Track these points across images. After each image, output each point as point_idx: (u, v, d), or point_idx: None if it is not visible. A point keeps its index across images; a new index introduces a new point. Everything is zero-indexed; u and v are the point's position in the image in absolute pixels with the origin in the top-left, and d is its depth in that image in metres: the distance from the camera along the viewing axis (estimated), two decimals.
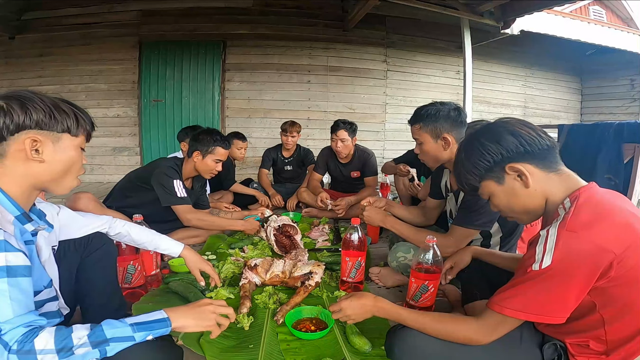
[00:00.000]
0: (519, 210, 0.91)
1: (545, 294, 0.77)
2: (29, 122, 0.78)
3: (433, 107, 1.46)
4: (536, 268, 0.76)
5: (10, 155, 0.79)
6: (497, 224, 1.50)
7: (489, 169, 0.89)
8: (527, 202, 0.88)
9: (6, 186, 0.79)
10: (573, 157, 2.82)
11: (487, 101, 5.93)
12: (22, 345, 0.68)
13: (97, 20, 4.70)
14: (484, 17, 4.17)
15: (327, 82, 5.16)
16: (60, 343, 0.70)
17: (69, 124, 0.84)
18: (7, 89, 4.94)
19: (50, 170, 0.83)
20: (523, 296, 0.79)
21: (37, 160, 0.80)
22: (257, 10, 4.86)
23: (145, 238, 1.31)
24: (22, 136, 0.78)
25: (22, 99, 0.78)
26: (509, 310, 0.81)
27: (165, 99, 4.87)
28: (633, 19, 7.61)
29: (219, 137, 2.11)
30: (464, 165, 0.94)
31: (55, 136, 0.82)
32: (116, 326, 0.76)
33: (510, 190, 0.88)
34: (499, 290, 0.85)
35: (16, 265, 0.72)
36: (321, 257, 2.05)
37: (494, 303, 0.84)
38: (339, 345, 1.25)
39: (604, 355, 0.83)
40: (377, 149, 5.30)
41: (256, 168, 3.69)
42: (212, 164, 2.11)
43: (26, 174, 0.81)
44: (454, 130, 1.44)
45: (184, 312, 0.87)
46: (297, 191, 3.20)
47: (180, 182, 2.05)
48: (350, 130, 2.84)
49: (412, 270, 1.29)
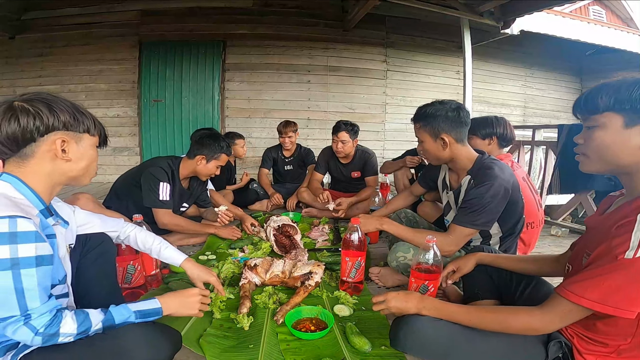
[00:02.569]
0: (601, 159, 0.82)
1: (633, 285, 0.71)
2: (58, 124, 0.84)
3: (432, 107, 1.45)
4: (629, 256, 0.70)
5: (39, 155, 0.84)
6: (496, 224, 1.50)
7: (637, 106, 0.75)
8: (623, 158, 0.78)
9: (31, 183, 0.85)
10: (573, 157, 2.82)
11: (487, 101, 5.93)
12: (48, 329, 0.78)
13: (97, 20, 4.70)
14: (483, 17, 4.17)
15: (327, 82, 5.16)
16: (81, 327, 0.82)
17: (88, 124, 0.91)
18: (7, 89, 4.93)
19: (75, 168, 0.90)
20: (607, 287, 0.73)
21: (65, 159, 0.87)
22: (257, 10, 4.86)
23: (150, 245, 1.33)
24: (51, 137, 0.84)
25: (46, 101, 0.84)
26: (586, 301, 0.75)
27: (165, 99, 4.87)
28: (633, 19, 7.62)
29: (225, 144, 2.17)
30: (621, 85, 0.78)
31: (78, 136, 0.89)
32: (123, 314, 0.91)
33: (623, 139, 0.77)
34: (574, 277, 0.79)
35: (43, 255, 0.78)
36: (321, 257, 2.05)
37: (568, 292, 0.78)
38: (339, 345, 1.25)
39: (615, 353, 0.82)
40: (377, 149, 5.30)
41: (256, 168, 3.69)
42: (214, 169, 2.16)
43: (52, 172, 0.87)
44: (452, 131, 1.43)
45: (172, 300, 1.03)
46: (297, 191, 3.20)
47: (167, 185, 2.04)
48: (351, 132, 2.83)
49: (412, 270, 1.29)
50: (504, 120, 2.01)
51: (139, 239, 1.32)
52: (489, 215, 1.39)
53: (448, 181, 1.65)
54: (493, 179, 1.36)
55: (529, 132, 3.45)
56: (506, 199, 1.40)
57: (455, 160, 1.49)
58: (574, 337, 0.88)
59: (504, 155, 1.99)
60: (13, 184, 0.83)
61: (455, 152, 1.47)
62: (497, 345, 0.89)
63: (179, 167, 2.15)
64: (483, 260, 1.29)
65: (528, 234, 1.87)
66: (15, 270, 0.74)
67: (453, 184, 1.61)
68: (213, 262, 1.95)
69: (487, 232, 1.53)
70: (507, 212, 1.44)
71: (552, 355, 0.88)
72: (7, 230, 0.73)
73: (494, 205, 1.37)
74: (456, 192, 1.56)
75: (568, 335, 0.89)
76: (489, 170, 1.39)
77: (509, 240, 1.57)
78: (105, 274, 1.23)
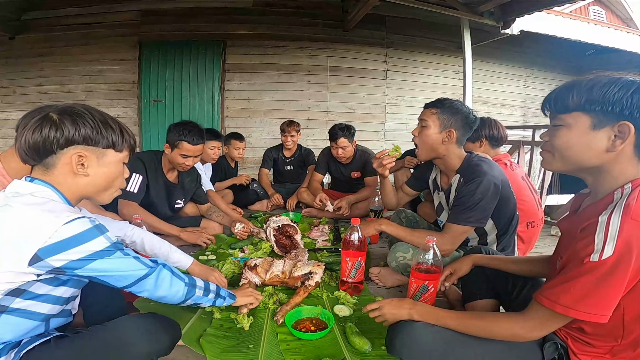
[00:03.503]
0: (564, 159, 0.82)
1: (603, 289, 0.70)
2: (78, 138, 0.84)
3: (458, 102, 1.49)
4: (595, 259, 0.69)
5: (60, 166, 0.85)
6: (491, 221, 1.51)
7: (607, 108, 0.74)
8: (587, 159, 0.78)
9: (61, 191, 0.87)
10: None
11: (486, 101, 5.93)
12: (170, 269, 1.01)
13: (97, 20, 4.70)
14: (483, 17, 4.17)
15: (327, 82, 5.16)
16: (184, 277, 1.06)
17: (114, 139, 0.89)
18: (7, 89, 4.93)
19: (93, 184, 0.90)
20: (577, 291, 0.72)
21: (82, 174, 0.87)
22: (257, 10, 4.86)
23: (157, 249, 1.34)
24: (70, 151, 0.84)
25: (74, 114, 0.84)
26: (560, 307, 0.74)
27: (165, 99, 4.87)
28: (633, 19, 7.62)
29: (187, 131, 1.99)
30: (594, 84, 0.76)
31: (100, 152, 0.88)
32: (222, 292, 1.19)
33: (588, 141, 0.77)
34: (549, 282, 0.79)
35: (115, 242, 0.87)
36: (321, 257, 2.05)
37: (543, 297, 0.78)
38: (339, 345, 1.25)
39: (609, 354, 0.82)
40: (377, 149, 5.27)
41: (256, 168, 3.69)
42: (179, 159, 2.04)
43: (73, 185, 0.87)
44: (461, 130, 1.47)
45: (237, 291, 1.31)
46: (297, 191, 3.20)
47: (139, 176, 2.00)
48: (349, 136, 2.81)
49: (412, 270, 1.29)
50: (490, 121, 2.02)
51: (147, 244, 1.33)
52: (482, 212, 1.41)
53: (439, 182, 1.66)
54: (482, 175, 1.39)
55: (529, 132, 3.44)
56: (497, 194, 1.42)
57: (445, 159, 1.52)
58: (568, 338, 0.88)
59: (502, 155, 1.99)
60: (52, 189, 0.85)
61: (450, 151, 1.50)
62: (493, 348, 0.89)
63: (159, 160, 2.13)
64: (479, 262, 1.30)
65: (528, 233, 1.87)
66: (120, 250, 0.86)
67: (443, 185, 1.63)
68: (213, 262, 1.95)
69: (483, 229, 1.55)
70: (499, 207, 1.46)
71: (548, 356, 0.88)
72: (91, 225, 0.80)
73: (485, 201, 1.39)
74: (447, 192, 1.58)
75: (563, 337, 0.89)
76: (477, 167, 1.43)
77: (505, 239, 1.58)
78: None
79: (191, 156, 2.06)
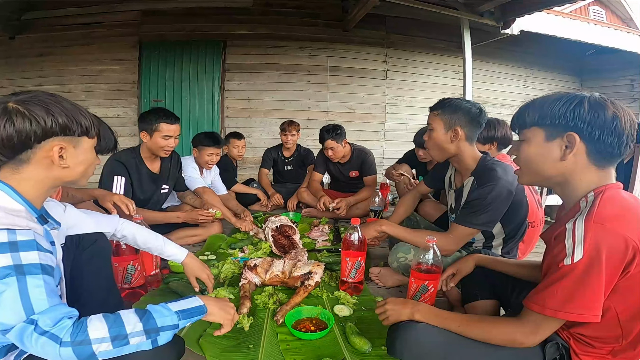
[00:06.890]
0: (529, 171, 0.90)
1: (583, 290, 0.74)
2: (56, 128, 0.77)
3: (457, 100, 1.48)
4: (568, 262, 0.74)
5: (35, 161, 0.78)
6: (499, 225, 1.50)
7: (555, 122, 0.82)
8: (546, 170, 0.86)
9: (25, 190, 0.79)
10: None
11: (486, 101, 5.92)
12: (75, 336, 0.67)
13: (97, 20, 4.69)
14: (483, 17, 4.17)
15: (326, 82, 5.15)
16: (114, 330, 0.70)
17: (86, 125, 0.83)
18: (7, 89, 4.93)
19: (72, 174, 0.85)
20: (561, 295, 0.76)
21: (62, 166, 0.81)
22: (257, 10, 4.86)
23: (151, 243, 1.30)
24: (49, 143, 0.78)
25: (44, 103, 0.76)
26: (549, 310, 0.78)
27: (165, 99, 4.87)
28: (633, 19, 7.61)
29: (162, 113, 2.06)
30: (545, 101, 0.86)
31: (75, 140, 0.83)
32: (164, 314, 0.78)
33: (544, 152, 0.85)
34: (537, 288, 0.83)
35: (47, 265, 0.72)
36: (321, 257, 2.05)
37: (532, 303, 0.82)
38: (339, 345, 1.25)
39: (610, 355, 0.83)
40: (377, 149, 5.30)
41: (256, 168, 3.69)
42: (162, 141, 2.06)
43: (47, 178, 0.81)
44: (467, 127, 1.44)
45: (211, 302, 0.92)
46: (297, 191, 3.20)
47: (122, 178, 2.01)
48: (336, 137, 2.82)
49: (412, 271, 1.29)
50: (504, 122, 2.02)
51: (139, 238, 1.28)
52: (490, 216, 1.39)
53: (453, 180, 1.65)
54: (496, 181, 1.37)
55: None
56: (509, 200, 1.40)
57: (459, 157, 1.50)
58: (570, 338, 0.88)
59: (500, 156, 1.99)
60: (8, 193, 0.76)
61: (462, 149, 1.47)
62: (493, 350, 0.89)
63: (138, 155, 2.13)
64: (481, 261, 1.30)
65: (528, 233, 1.86)
66: (20, 276, 0.67)
67: (457, 184, 1.61)
68: (213, 262, 1.95)
69: (490, 232, 1.53)
70: (510, 212, 1.44)
71: (550, 357, 0.88)
72: (7, 240, 0.68)
73: (496, 206, 1.38)
74: (458, 191, 1.57)
75: (565, 337, 0.89)
76: (492, 171, 1.40)
77: (511, 243, 1.57)
78: (101, 274, 1.19)
79: (172, 136, 2.08)
